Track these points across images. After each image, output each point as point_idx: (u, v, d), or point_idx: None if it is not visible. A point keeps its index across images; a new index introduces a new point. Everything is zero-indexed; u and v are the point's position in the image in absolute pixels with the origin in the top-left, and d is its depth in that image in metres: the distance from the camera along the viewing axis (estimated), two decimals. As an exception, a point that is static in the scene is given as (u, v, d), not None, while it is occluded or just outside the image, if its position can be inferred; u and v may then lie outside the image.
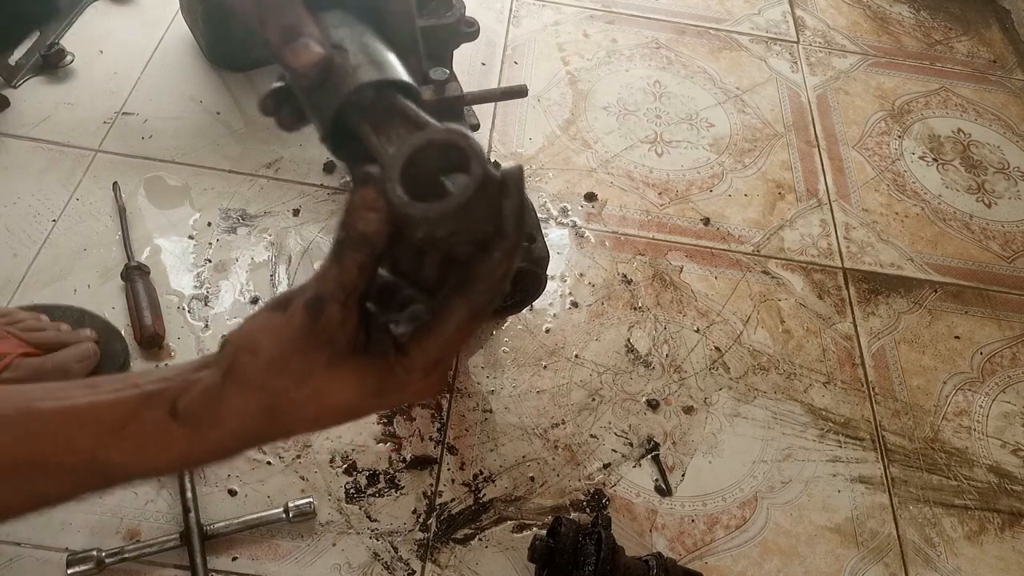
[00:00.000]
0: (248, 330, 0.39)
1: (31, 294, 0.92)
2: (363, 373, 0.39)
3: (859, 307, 1.06)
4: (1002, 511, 0.90)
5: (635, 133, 1.22)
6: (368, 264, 0.37)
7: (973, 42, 1.49)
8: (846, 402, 0.96)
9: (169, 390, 0.39)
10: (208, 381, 0.39)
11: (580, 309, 1.00)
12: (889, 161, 1.25)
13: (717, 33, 1.41)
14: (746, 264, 1.08)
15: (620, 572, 0.73)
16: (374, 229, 0.36)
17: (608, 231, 1.09)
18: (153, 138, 1.09)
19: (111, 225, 0.99)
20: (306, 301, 0.37)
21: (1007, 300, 1.09)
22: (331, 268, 0.37)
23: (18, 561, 0.75)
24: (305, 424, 0.41)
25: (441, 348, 0.39)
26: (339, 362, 0.39)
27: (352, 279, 0.37)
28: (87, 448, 0.39)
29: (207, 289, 0.95)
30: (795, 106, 1.31)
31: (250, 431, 0.40)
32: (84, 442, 0.39)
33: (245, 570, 0.77)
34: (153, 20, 1.24)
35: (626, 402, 0.93)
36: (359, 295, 0.38)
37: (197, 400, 0.39)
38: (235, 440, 0.40)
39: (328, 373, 0.38)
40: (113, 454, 0.39)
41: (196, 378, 0.39)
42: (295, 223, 1.03)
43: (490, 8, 1.38)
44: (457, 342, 0.39)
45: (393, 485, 0.83)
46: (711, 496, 0.87)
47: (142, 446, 0.39)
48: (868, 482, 0.90)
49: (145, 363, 0.88)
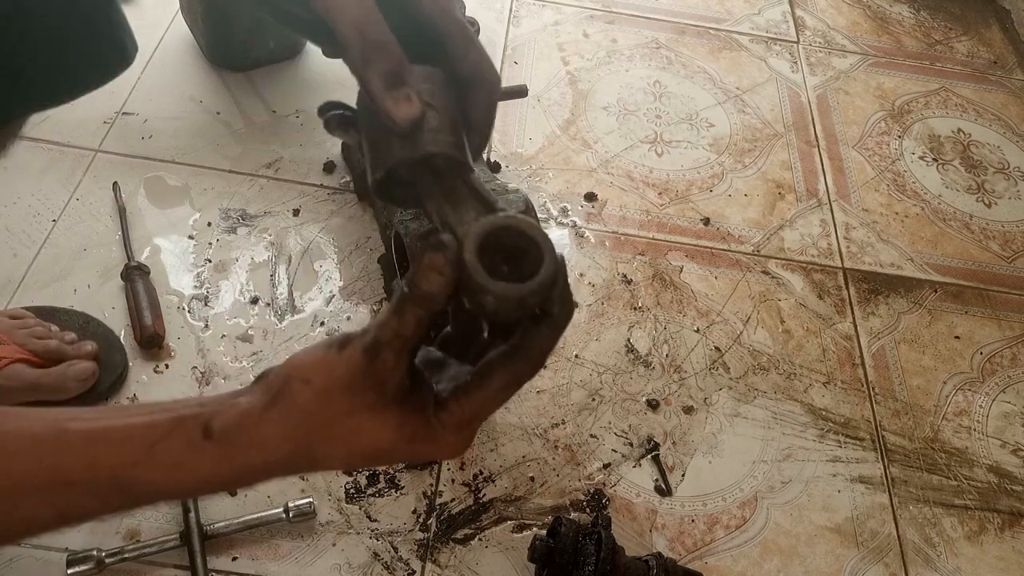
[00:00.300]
0: (302, 361, 0.41)
1: (31, 294, 0.92)
2: (402, 420, 0.41)
3: (859, 307, 1.06)
4: (1002, 511, 0.90)
5: (635, 133, 1.22)
6: (425, 320, 0.40)
7: (973, 42, 1.49)
8: (846, 402, 0.96)
9: (204, 414, 0.40)
10: (247, 405, 0.40)
11: (580, 309, 1.00)
12: (889, 161, 1.25)
13: (717, 33, 1.41)
14: (746, 264, 1.08)
15: (620, 572, 0.72)
16: (437, 291, 0.39)
17: (608, 231, 1.09)
18: (153, 138, 1.09)
19: (111, 225, 0.99)
20: (365, 344, 0.40)
21: (1007, 300, 1.09)
22: (391, 319, 0.40)
23: (18, 561, 0.75)
24: (334, 461, 0.42)
25: (477, 408, 0.41)
26: (383, 406, 0.41)
27: (409, 331, 0.40)
28: (112, 466, 0.40)
29: (207, 289, 0.95)
30: (795, 106, 1.31)
31: (280, 459, 0.41)
32: (110, 460, 0.40)
33: (245, 570, 0.77)
34: (153, 20, 1.24)
35: (626, 402, 0.93)
36: (412, 346, 0.41)
37: (234, 421, 0.40)
38: (264, 466, 0.41)
39: (371, 415, 0.41)
40: (140, 473, 0.40)
41: (234, 402, 0.41)
42: (295, 223, 1.03)
43: (490, 8, 1.38)
44: (493, 405, 0.42)
45: (393, 485, 0.83)
46: (711, 496, 0.87)
47: (170, 465, 0.40)
48: (868, 482, 0.90)
49: (145, 363, 0.88)
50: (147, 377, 0.87)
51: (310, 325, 0.94)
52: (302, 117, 1.14)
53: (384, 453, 0.42)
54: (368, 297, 0.97)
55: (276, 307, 0.95)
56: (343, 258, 1.00)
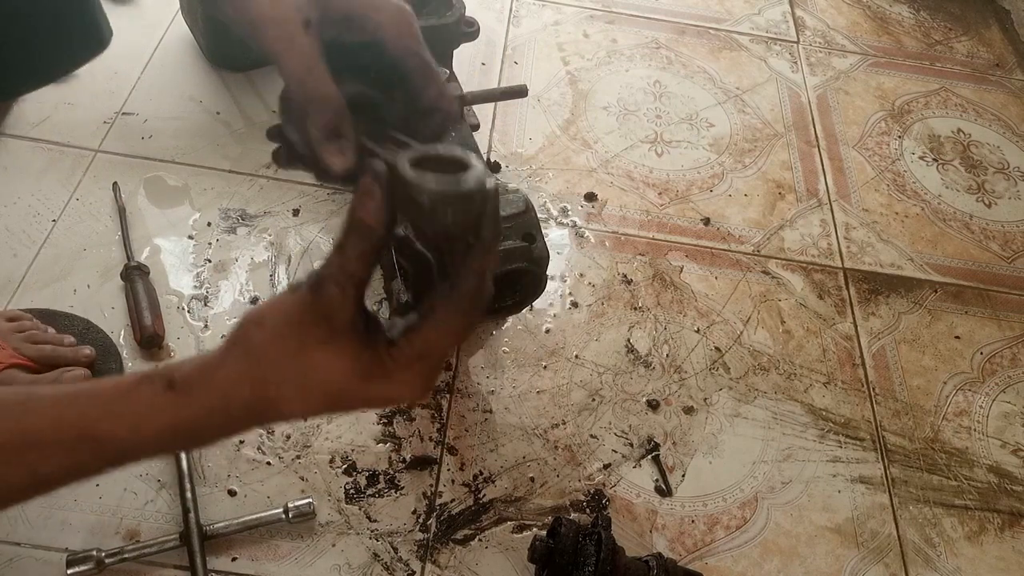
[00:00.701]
0: (258, 307, 0.43)
1: (31, 294, 0.92)
2: (354, 354, 0.42)
3: (859, 307, 1.06)
4: (1002, 511, 0.90)
5: (635, 133, 1.22)
6: (367, 253, 0.41)
7: (973, 42, 1.49)
8: (846, 402, 0.96)
9: (168, 368, 0.42)
10: (208, 355, 0.43)
11: (580, 309, 1.00)
12: (889, 161, 1.25)
13: (717, 33, 1.41)
14: (746, 264, 1.08)
15: (620, 572, 0.72)
16: (374, 217, 0.41)
17: (608, 231, 1.09)
18: (153, 138, 1.09)
19: (111, 225, 0.99)
20: (310, 282, 0.42)
21: (1007, 300, 1.09)
22: (334, 254, 0.41)
23: (18, 561, 0.75)
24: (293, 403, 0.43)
25: (425, 342, 0.42)
26: (333, 339, 0.42)
27: (351, 264, 0.41)
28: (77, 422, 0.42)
29: (207, 289, 0.95)
30: (795, 106, 1.31)
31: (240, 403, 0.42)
32: (74, 417, 0.42)
33: (245, 570, 0.76)
34: (153, 20, 1.24)
35: (626, 402, 0.93)
36: (357, 280, 0.42)
37: (195, 369, 0.42)
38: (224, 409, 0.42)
39: (322, 349, 0.41)
40: (104, 426, 0.41)
41: (198, 356, 0.43)
42: (295, 223, 1.03)
43: (490, 8, 1.38)
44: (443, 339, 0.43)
45: (393, 485, 0.83)
46: (711, 496, 0.87)
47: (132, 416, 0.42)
48: (868, 482, 0.90)
49: (145, 363, 0.88)
50: (147, 377, 0.87)
51: (310, 325, 0.94)
52: (302, 117, 1.14)
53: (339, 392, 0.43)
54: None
55: (276, 307, 0.95)
56: (343, 258, 1.00)
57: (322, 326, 0.41)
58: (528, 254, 0.81)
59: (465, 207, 0.40)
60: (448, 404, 0.90)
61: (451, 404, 0.90)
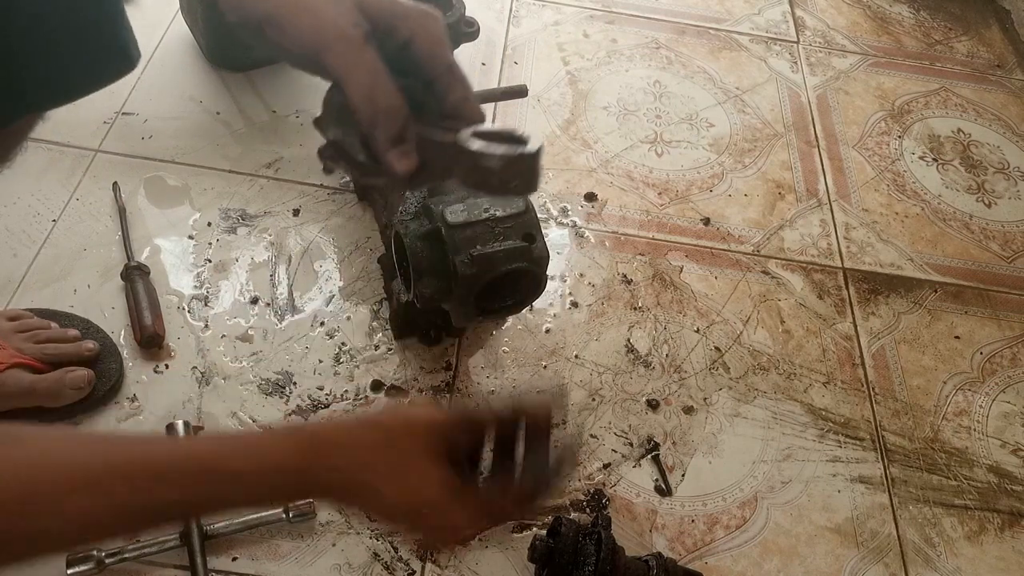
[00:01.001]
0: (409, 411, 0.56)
1: (31, 294, 0.92)
2: (450, 479, 0.53)
3: (859, 307, 1.06)
4: (1002, 511, 0.90)
5: (635, 133, 1.22)
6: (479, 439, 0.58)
7: (973, 42, 1.49)
8: (846, 402, 0.96)
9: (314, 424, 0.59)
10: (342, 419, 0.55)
11: (580, 309, 1.00)
12: (889, 161, 1.25)
13: (717, 33, 1.41)
14: (746, 264, 1.08)
15: (620, 572, 0.72)
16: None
17: (608, 231, 1.09)
18: (153, 138, 1.09)
19: (111, 225, 0.99)
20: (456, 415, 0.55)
21: (1007, 300, 1.09)
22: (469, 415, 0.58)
23: (18, 561, 0.75)
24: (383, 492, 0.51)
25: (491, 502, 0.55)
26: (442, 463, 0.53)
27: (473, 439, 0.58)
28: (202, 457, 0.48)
29: (207, 289, 0.95)
30: (795, 106, 1.31)
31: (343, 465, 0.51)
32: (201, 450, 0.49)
33: (245, 570, 0.77)
34: (153, 20, 1.24)
35: (626, 402, 0.93)
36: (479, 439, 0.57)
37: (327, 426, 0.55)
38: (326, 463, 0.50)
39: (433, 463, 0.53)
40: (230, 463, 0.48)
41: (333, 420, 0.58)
42: (295, 223, 1.03)
43: (490, 8, 1.38)
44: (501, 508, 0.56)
45: (393, 485, 0.83)
46: (711, 496, 0.87)
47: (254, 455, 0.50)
48: (868, 482, 0.90)
49: (145, 363, 0.88)
50: (147, 377, 0.87)
51: (310, 325, 0.94)
52: (302, 117, 1.14)
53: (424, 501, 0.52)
54: (368, 297, 0.97)
55: (276, 307, 0.95)
56: (343, 258, 1.00)
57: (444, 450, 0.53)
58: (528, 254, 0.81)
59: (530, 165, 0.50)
60: (448, 404, 0.90)
61: (451, 404, 0.90)
